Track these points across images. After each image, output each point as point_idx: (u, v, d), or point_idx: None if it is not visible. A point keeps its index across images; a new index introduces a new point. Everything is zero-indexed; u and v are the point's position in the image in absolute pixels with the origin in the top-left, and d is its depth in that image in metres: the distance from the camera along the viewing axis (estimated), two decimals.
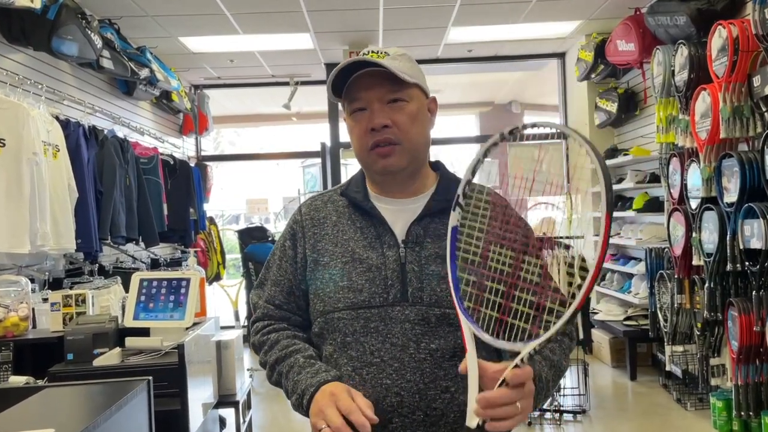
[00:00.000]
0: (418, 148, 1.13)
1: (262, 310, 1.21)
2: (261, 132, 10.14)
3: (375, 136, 1.10)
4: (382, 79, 1.09)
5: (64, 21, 3.05)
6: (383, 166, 1.12)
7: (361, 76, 1.10)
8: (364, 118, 1.11)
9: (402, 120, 1.10)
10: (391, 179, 1.15)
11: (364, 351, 1.07)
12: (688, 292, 3.64)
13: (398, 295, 1.08)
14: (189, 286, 2.19)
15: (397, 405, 1.04)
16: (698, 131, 3.35)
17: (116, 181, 3.58)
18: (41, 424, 0.96)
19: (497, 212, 1.02)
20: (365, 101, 1.11)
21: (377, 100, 1.10)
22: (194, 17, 4.31)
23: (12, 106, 2.81)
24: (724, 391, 3.33)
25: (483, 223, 1.01)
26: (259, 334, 1.19)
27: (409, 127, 1.11)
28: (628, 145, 4.96)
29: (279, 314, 1.19)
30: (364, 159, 1.15)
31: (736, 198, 2.95)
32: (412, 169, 1.15)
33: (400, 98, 1.11)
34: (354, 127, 1.13)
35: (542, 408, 3.71)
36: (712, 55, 3.19)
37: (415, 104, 1.12)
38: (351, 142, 1.17)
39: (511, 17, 4.63)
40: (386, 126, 1.09)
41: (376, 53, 1.10)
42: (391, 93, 1.10)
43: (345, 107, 1.15)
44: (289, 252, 1.19)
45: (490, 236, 0.99)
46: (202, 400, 2.27)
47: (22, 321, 2.37)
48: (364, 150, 1.13)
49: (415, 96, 1.13)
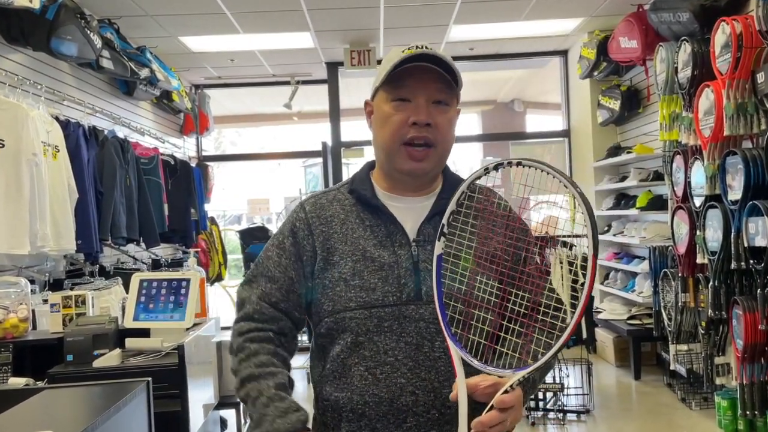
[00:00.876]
0: (447, 154, 1.15)
1: (253, 306, 1.13)
2: (262, 132, 10.13)
3: (414, 131, 1.09)
4: (435, 78, 1.09)
5: (63, 21, 3.04)
6: (412, 168, 1.11)
7: (414, 68, 1.08)
8: (407, 109, 1.09)
9: (443, 123, 1.10)
10: (411, 181, 1.14)
11: (378, 350, 1.06)
12: (693, 291, 3.62)
13: (412, 293, 1.07)
14: (189, 287, 2.20)
15: (411, 404, 1.04)
16: (702, 128, 3.33)
17: (117, 181, 3.57)
18: (41, 425, 0.96)
19: (483, 241, 1.01)
20: (414, 93, 1.09)
21: (425, 96, 1.09)
22: (194, 17, 4.30)
23: (11, 106, 2.80)
24: (729, 390, 3.31)
25: (469, 253, 1.01)
26: (241, 337, 1.12)
27: (447, 132, 1.11)
28: (632, 143, 4.93)
29: (270, 314, 1.13)
30: (392, 151, 1.12)
31: (741, 195, 2.94)
32: (436, 173, 1.16)
33: (445, 101, 1.11)
34: (392, 115, 1.10)
35: (546, 408, 3.70)
36: (715, 52, 3.17)
37: (454, 111, 1.13)
38: (378, 130, 1.13)
39: (512, 15, 4.61)
40: (428, 124, 1.09)
41: (431, 50, 1.09)
42: (440, 94, 1.10)
43: (383, 93, 1.12)
44: (290, 249, 1.14)
45: (476, 267, 1.00)
46: (203, 401, 2.28)
47: (22, 322, 2.36)
48: (396, 141, 1.10)
49: (454, 104, 1.14)
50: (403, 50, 1.10)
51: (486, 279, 0.99)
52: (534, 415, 3.65)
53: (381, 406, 1.05)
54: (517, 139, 6.18)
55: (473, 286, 0.99)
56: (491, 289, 0.98)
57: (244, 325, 1.14)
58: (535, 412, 3.67)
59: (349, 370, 1.07)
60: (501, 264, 1.00)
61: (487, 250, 1.02)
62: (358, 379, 1.06)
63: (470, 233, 1.03)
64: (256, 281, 1.16)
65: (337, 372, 1.09)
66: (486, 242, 1.02)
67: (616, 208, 4.91)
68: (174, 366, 2.03)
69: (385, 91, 1.12)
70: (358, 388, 1.06)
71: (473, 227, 1.04)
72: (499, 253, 1.02)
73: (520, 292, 0.96)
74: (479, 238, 1.02)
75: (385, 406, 1.05)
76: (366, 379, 1.06)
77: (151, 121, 5.08)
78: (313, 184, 7.44)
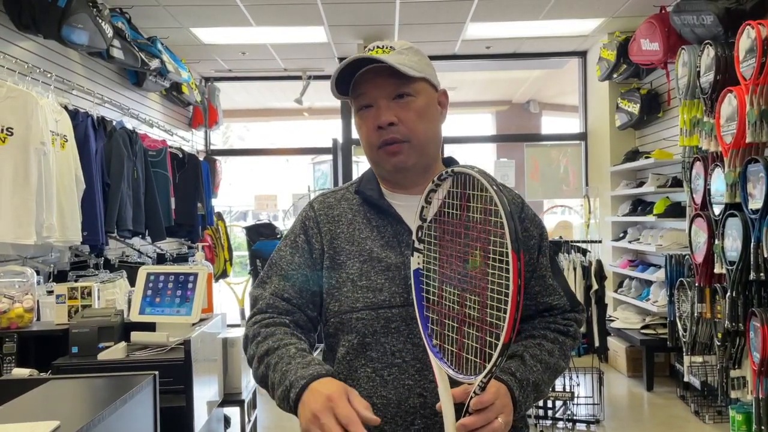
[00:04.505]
0: (428, 144, 1.11)
1: (266, 301, 1.11)
2: (271, 127, 10.09)
3: (382, 134, 1.09)
4: (388, 75, 1.07)
5: (75, 9, 3.03)
6: (394, 164, 1.11)
7: (366, 73, 1.08)
8: (371, 115, 1.10)
9: (409, 117, 1.08)
10: (402, 176, 1.14)
11: (385, 352, 1.06)
12: (709, 301, 3.57)
13: None
14: (196, 281, 2.18)
15: (420, 406, 1.03)
16: (723, 135, 3.27)
17: (124, 173, 3.56)
18: (46, 416, 0.95)
19: (445, 251, 1.01)
20: (371, 98, 1.09)
21: (383, 97, 1.08)
22: (206, 8, 4.27)
23: (21, 94, 2.79)
24: (744, 404, 3.27)
25: (435, 264, 1.02)
26: (256, 325, 1.09)
27: (417, 124, 1.09)
28: (650, 147, 4.88)
29: (284, 307, 1.11)
30: (373, 157, 1.14)
31: (762, 204, 2.89)
32: (424, 165, 1.13)
33: (407, 93, 1.09)
34: (361, 125, 1.12)
35: (555, 417, 3.64)
36: (739, 56, 3.12)
37: (423, 99, 1.10)
38: (360, 140, 1.16)
39: (531, 13, 4.57)
40: (392, 123, 1.08)
41: (381, 48, 1.09)
42: (396, 88, 1.08)
43: (352, 105, 1.14)
44: (303, 246, 1.14)
45: (441, 276, 1.01)
46: (207, 397, 2.26)
47: (27, 312, 2.35)
48: (372, 148, 1.12)
49: (422, 90, 1.10)
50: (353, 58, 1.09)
51: (449, 288, 0.99)
52: (542, 424, 3.60)
53: (389, 408, 1.04)
54: (532, 141, 6.11)
55: (441, 296, 1.00)
56: (452, 296, 0.98)
57: (258, 317, 1.11)
58: (543, 420, 3.62)
59: (356, 371, 1.07)
60: (456, 270, 0.99)
61: (447, 258, 1.01)
62: (366, 380, 1.06)
63: (434, 245, 1.03)
64: (270, 280, 1.15)
65: (345, 373, 1.08)
66: (446, 250, 1.01)
67: (633, 214, 4.86)
68: (179, 361, 2.01)
69: (352, 102, 1.13)
70: (365, 390, 1.05)
71: (436, 238, 1.03)
72: (453, 260, 1.01)
73: (472, 296, 0.96)
74: (440, 248, 1.01)
75: (393, 408, 1.04)
76: (373, 381, 1.05)
77: (159, 113, 5.06)
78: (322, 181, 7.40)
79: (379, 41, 1.12)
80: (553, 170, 5.50)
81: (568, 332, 1.15)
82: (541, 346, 1.09)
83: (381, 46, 1.09)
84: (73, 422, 0.93)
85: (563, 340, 1.13)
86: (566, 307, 1.16)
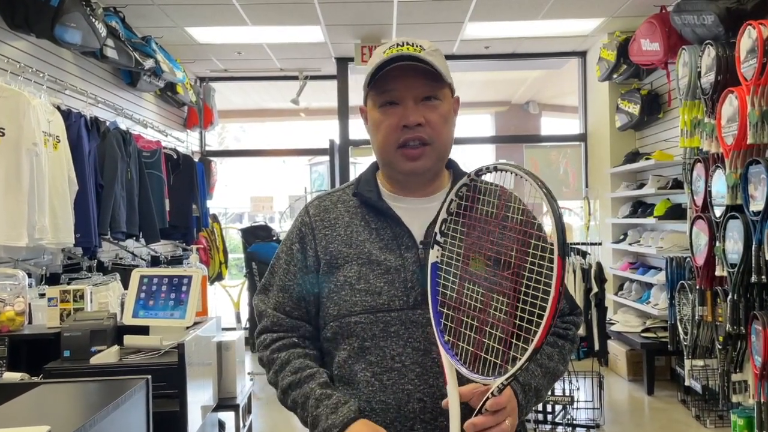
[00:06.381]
0: (447, 149, 1.13)
1: (270, 319, 1.15)
2: (267, 128, 10.06)
3: (407, 133, 1.07)
4: (419, 75, 1.06)
5: (68, 8, 3.01)
6: (411, 168, 1.10)
7: (395, 69, 1.06)
8: (395, 113, 1.08)
9: (436, 119, 1.08)
10: (414, 180, 1.13)
11: (384, 356, 1.05)
12: (710, 304, 3.55)
13: (419, 297, 1.06)
14: (190, 284, 2.18)
15: (419, 411, 1.03)
16: (724, 136, 3.25)
17: (117, 174, 3.53)
18: (37, 420, 0.95)
19: (471, 248, 1.02)
20: (400, 96, 1.08)
21: (412, 97, 1.07)
22: (201, 7, 4.24)
23: (13, 94, 2.77)
24: (745, 408, 3.25)
25: (458, 261, 1.02)
26: (268, 350, 1.14)
27: (442, 128, 1.09)
28: (650, 149, 4.87)
29: (289, 323, 1.14)
30: (388, 156, 1.11)
31: (763, 206, 2.87)
32: (437, 170, 1.14)
33: (435, 96, 1.09)
34: (382, 121, 1.09)
35: (554, 421, 3.61)
36: (740, 57, 3.10)
37: (447, 104, 1.11)
38: (372, 136, 1.13)
39: (530, 13, 4.55)
40: (420, 124, 1.07)
41: (412, 46, 1.07)
42: (427, 90, 1.08)
43: (371, 99, 1.11)
44: (297, 255, 1.14)
45: (463, 273, 1.01)
46: (202, 402, 2.24)
47: (19, 316, 2.33)
48: (390, 146, 1.09)
49: (446, 96, 1.11)
50: (384, 50, 1.08)
51: (472, 285, 1.00)
52: (542, 429, 3.57)
53: (388, 413, 1.04)
54: (532, 142, 6.09)
55: (462, 293, 1.00)
56: (477, 296, 0.99)
57: (267, 337, 1.15)
58: (543, 425, 3.59)
59: (356, 375, 1.07)
60: (483, 269, 1.01)
61: (473, 255, 1.02)
62: (365, 385, 1.05)
63: (459, 240, 1.03)
64: (270, 291, 1.17)
65: (344, 378, 1.08)
66: (472, 248, 1.02)
67: (633, 216, 4.84)
68: (173, 365, 1.99)
69: (372, 97, 1.11)
70: (364, 395, 1.05)
71: (462, 234, 1.03)
72: (481, 258, 1.02)
73: (501, 297, 0.97)
74: (466, 244, 1.02)
75: (393, 413, 1.04)
76: (373, 386, 1.05)
77: (154, 114, 5.02)
78: (319, 182, 7.37)
79: (406, 38, 1.10)
80: (553, 171, 5.48)
81: (567, 336, 1.15)
82: (541, 350, 1.07)
83: (411, 44, 1.07)
84: (65, 427, 0.92)
85: (562, 344, 1.13)
86: (565, 310, 1.16)
